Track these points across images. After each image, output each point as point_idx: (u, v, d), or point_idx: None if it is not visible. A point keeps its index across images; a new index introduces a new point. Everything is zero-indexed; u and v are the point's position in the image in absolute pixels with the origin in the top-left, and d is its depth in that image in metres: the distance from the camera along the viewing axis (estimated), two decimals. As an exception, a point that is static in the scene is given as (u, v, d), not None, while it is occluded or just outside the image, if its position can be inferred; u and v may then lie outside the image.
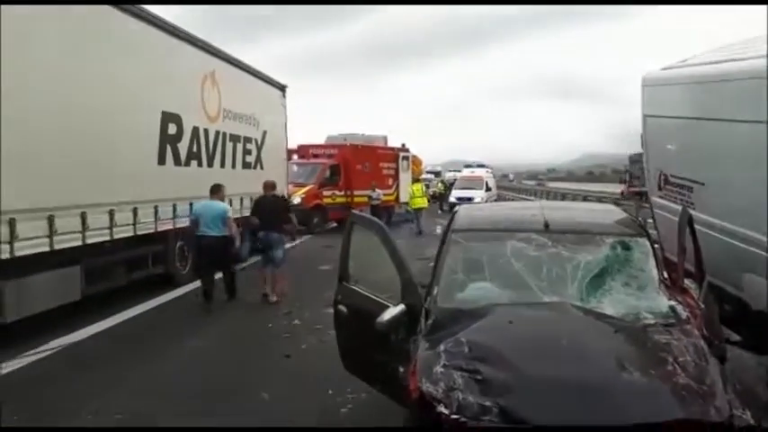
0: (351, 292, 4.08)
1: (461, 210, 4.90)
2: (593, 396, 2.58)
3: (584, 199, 27.91)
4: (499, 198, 29.65)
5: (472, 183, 29.50)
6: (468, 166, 42.14)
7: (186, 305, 8.59)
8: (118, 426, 4.41)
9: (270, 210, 8.67)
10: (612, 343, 2.95)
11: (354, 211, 4.03)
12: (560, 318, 3.19)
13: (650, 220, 7.04)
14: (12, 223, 5.98)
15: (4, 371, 5.49)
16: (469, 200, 23.49)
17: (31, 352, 6.02)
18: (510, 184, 58.93)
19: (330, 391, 4.91)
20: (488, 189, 29.16)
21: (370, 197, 20.12)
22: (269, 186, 9.20)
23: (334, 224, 19.52)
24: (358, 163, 21.22)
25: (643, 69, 6.90)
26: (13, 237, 6.00)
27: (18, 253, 6.08)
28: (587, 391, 2.60)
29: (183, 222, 9.30)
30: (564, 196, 32.16)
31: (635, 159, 30.16)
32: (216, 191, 8.57)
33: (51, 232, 6.55)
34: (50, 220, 6.53)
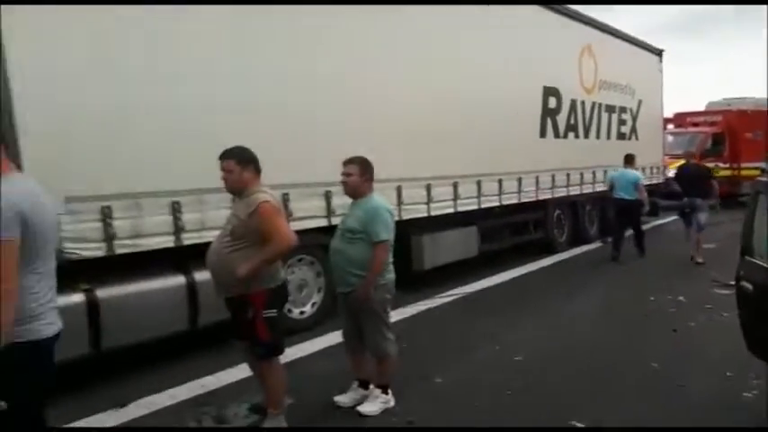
0: (757, 267, 3.78)
1: None
2: None
3: None
4: None
5: None
6: None
7: (568, 269, 9.22)
8: (516, 367, 4.97)
9: (692, 178, 9.42)
10: None
11: (761, 178, 3.55)
12: None
13: None
14: (428, 188, 7.25)
15: (424, 307, 6.78)
16: None
17: (439, 296, 7.26)
18: None
19: (728, 373, 4.56)
20: None
21: (763, 170, 17.27)
22: (690, 155, 11.83)
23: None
24: (747, 130, 18.40)
25: None
26: (429, 199, 7.28)
27: (433, 213, 7.35)
28: None
29: (560, 192, 9.95)
30: None
31: None
32: (630, 160, 9.86)
33: (455, 196, 7.71)
34: (455, 186, 7.68)
